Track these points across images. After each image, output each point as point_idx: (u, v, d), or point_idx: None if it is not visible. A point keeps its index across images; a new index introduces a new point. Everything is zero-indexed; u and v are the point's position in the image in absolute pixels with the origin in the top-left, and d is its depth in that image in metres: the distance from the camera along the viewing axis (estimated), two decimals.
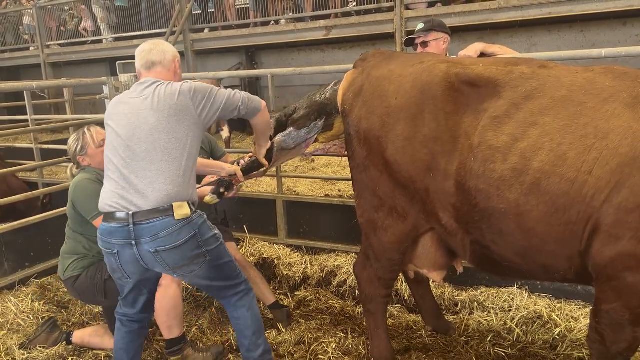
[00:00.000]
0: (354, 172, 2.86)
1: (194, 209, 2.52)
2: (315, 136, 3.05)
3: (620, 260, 2.05)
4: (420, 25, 3.48)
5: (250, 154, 3.23)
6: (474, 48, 3.09)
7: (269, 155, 3.06)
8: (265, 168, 3.14)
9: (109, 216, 2.48)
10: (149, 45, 2.68)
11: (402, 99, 2.55)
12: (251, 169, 3.15)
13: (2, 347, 3.40)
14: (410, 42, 3.54)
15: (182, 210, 2.44)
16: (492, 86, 2.37)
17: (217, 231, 2.63)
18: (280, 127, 3.14)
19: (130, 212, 2.41)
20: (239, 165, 3.17)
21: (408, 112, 2.53)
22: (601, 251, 2.08)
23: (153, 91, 2.52)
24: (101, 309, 3.77)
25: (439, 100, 2.45)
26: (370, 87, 2.71)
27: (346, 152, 3.11)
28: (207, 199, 3.15)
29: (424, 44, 3.45)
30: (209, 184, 3.23)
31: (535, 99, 2.25)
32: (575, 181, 2.08)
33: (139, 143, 2.46)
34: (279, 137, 3.06)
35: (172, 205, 2.43)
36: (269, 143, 3.04)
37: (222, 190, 3.17)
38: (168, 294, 3.11)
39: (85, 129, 3.22)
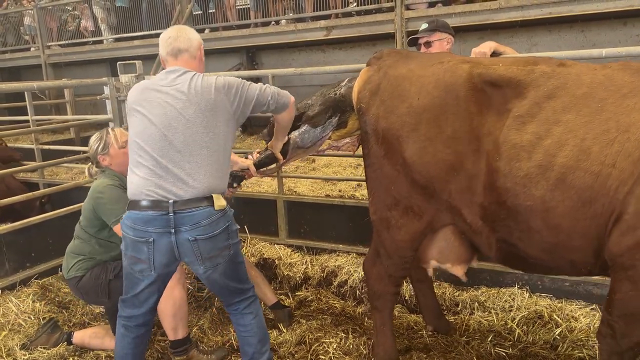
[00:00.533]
0: (368, 170, 2.85)
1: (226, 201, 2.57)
2: (330, 134, 3.03)
3: (638, 249, 2.07)
4: (424, 25, 3.48)
5: (258, 150, 3.23)
6: (488, 45, 3.11)
7: (284, 150, 3.06)
8: (279, 164, 3.13)
9: (145, 204, 2.46)
10: (174, 32, 2.64)
11: (425, 99, 2.55)
12: (264, 163, 3.14)
13: (3, 347, 3.40)
14: (413, 42, 3.53)
15: (220, 202, 2.51)
16: (514, 86, 2.39)
17: (238, 227, 2.68)
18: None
19: (171, 201, 2.42)
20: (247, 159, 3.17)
21: (431, 112, 2.53)
22: (619, 240, 2.10)
23: (188, 82, 2.50)
24: (102, 309, 3.78)
25: (463, 100, 2.47)
26: (389, 86, 2.70)
27: (356, 150, 3.14)
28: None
29: (428, 44, 3.44)
30: None
31: (558, 97, 2.28)
32: (599, 174, 2.11)
33: (176, 134, 2.46)
34: (294, 135, 3.04)
35: (212, 196, 2.48)
36: (286, 138, 3.03)
37: (234, 185, 3.17)
38: (173, 296, 3.11)
39: (109, 129, 3.24)
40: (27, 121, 6.38)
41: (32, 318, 3.75)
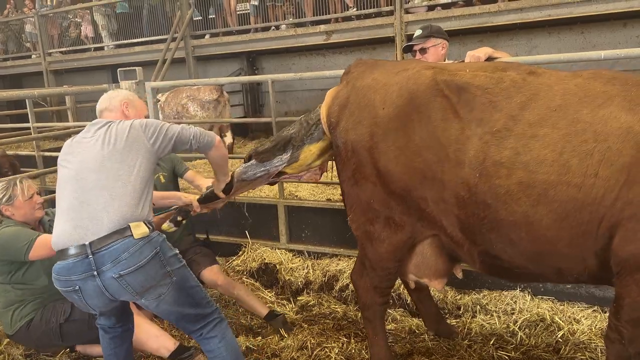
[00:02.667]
0: (344, 185, 2.83)
1: (151, 227, 2.50)
2: (280, 168, 2.99)
3: None
4: (418, 32, 3.48)
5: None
6: (484, 51, 3.10)
7: (228, 187, 3.06)
8: (222, 199, 3.14)
9: (64, 253, 2.42)
10: (102, 96, 2.81)
11: (390, 108, 2.52)
12: (208, 198, 3.17)
13: (8, 356, 3.41)
14: (408, 49, 3.54)
15: (140, 229, 2.42)
16: (481, 94, 2.35)
17: (177, 251, 2.61)
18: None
19: (87, 242, 2.36)
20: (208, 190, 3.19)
21: (397, 121, 2.50)
22: (622, 245, 2.10)
23: (106, 130, 2.58)
24: None
25: (426, 108, 2.43)
26: (356, 98, 2.67)
27: (320, 178, 3.17)
28: (165, 226, 3.22)
29: (423, 51, 3.44)
30: (168, 210, 3.32)
31: (531, 109, 2.26)
32: (582, 185, 2.11)
33: (90, 173, 2.47)
34: (239, 169, 3.05)
35: (129, 226, 2.40)
36: (228, 177, 3.04)
37: (179, 218, 3.26)
38: (136, 324, 2.99)
39: (17, 181, 3.24)
40: (29, 128, 6.38)
41: None
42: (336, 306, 3.94)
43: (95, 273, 2.37)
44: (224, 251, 4.87)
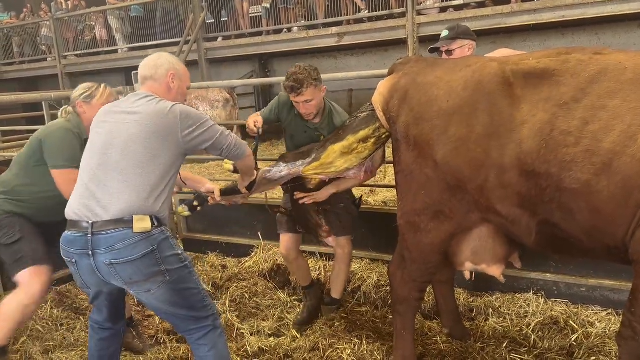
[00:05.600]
0: (398, 177, 2.87)
1: (156, 224, 2.42)
2: (301, 169, 3.07)
3: None
4: (445, 33, 3.43)
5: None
6: (502, 52, 3.08)
7: (251, 185, 3.11)
8: (243, 196, 3.17)
9: (71, 224, 2.44)
10: (146, 60, 2.68)
11: (454, 101, 2.55)
12: (230, 192, 3.20)
13: (24, 354, 3.46)
14: (434, 50, 3.50)
15: (141, 224, 2.36)
16: (548, 76, 2.37)
17: (180, 251, 2.52)
18: None
19: (90, 222, 2.36)
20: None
21: (460, 113, 2.53)
22: None
23: (143, 105, 2.50)
24: None
25: (493, 95, 2.45)
26: (417, 94, 2.70)
27: (364, 176, 3.28)
28: (179, 209, 3.22)
29: (449, 52, 3.40)
30: (190, 194, 3.30)
31: (601, 82, 2.24)
32: None
33: (114, 153, 2.43)
34: (264, 168, 3.11)
35: (132, 218, 2.36)
36: (253, 176, 3.07)
37: (195, 204, 3.22)
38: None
39: (103, 85, 3.22)
40: None
41: (50, 324, 3.81)
42: (348, 307, 3.94)
43: (90, 253, 2.37)
44: (237, 252, 4.90)
